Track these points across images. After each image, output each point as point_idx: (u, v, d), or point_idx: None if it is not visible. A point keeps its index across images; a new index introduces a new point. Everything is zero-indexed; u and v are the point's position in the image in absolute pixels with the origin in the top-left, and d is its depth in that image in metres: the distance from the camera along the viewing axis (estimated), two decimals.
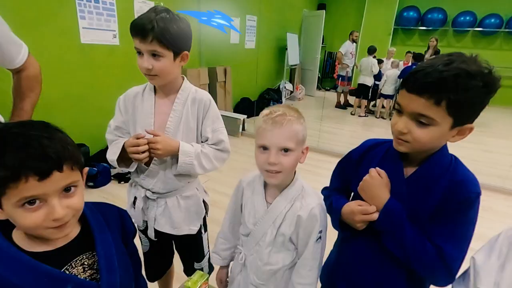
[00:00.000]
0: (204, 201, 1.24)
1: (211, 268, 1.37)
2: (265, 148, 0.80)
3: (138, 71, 1.01)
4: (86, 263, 0.63)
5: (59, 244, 0.61)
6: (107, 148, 1.13)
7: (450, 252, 0.68)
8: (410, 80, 0.66)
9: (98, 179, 2.71)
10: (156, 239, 1.20)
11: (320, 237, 0.84)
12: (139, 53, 0.99)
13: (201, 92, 1.13)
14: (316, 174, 3.41)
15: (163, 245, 1.28)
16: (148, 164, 1.09)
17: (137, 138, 1.01)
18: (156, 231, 1.17)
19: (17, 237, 0.58)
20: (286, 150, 0.79)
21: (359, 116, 6.10)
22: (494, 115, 6.55)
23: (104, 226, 0.67)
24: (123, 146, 1.04)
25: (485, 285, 0.62)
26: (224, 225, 1.06)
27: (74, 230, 0.64)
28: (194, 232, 1.21)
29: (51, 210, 0.53)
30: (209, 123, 1.11)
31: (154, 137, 1.00)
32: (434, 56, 0.68)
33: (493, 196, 2.97)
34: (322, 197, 0.87)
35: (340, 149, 3.94)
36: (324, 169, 3.59)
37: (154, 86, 1.10)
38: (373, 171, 0.77)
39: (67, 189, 0.56)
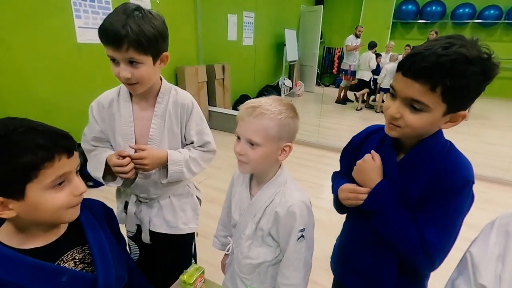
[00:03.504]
0: (197, 197, 1.23)
1: None
2: (238, 137, 0.80)
3: None
4: (77, 257, 0.64)
5: (50, 239, 0.62)
6: None
7: (431, 239, 0.68)
8: (406, 63, 0.63)
9: None
10: (150, 243, 1.15)
11: (302, 236, 0.81)
12: (113, 60, 0.88)
13: (182, 94, 1.06)
14: (317, 169, 3.41)
15: (155, 252, 1.22)
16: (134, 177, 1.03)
17: (121, 155, 0.94)
18: (151, 235, 1.13)
19: (4, 236, 0.58)
20: (252, 143, 0.77)
21: (357, 109, 6.10)
22: (495, 107, 6.55)
23: (92, 219, 0.69)
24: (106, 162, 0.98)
25: (486, 279, 0.59)
26: (223, 212, 1.07)
27: (63, 225, 0.65)
28: (195, 230, 1.19)
29: (75, 187, 0.59)
30: (193, 126, 1.07)
31: (140, 152, 0.95)
32: (434, 38, 0.66)
33: (494, 188, 2.97)
34: (305, 194, 0.83)
35: (340, 144, 3.92)
36: (324, 164, 3.61)
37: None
38: (367, 156, 0.78)
39: (76, 170, 0.61)
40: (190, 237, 1.21)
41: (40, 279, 0.56)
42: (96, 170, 0.99)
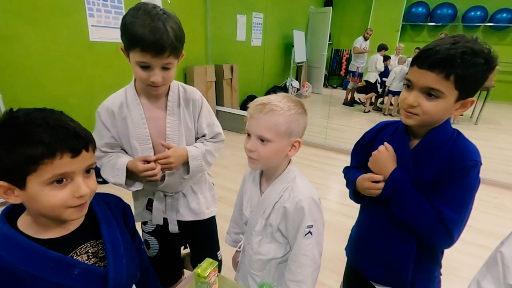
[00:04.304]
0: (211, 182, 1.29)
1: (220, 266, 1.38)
2: (248, 134, 0.81)
3: None
4: (90, 251, 0.64)
5: (65, 231, 0.62)
6: None
7: (448, 214, 0.75)
8: (421, 57, 0.72)
9: None
10: (179, 232, 1.19)
11: (310, 232, 0.81)
12: (145, 67, 0.88)
13: (191, 90, 1.08)
14: (323, 170, 3.40)
15: (175, 244, 1.28)
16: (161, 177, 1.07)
17: (145, 161, 0.97)
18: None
19: (23, 224, 0.59)
20: (263, 139, 0.78)
21: (364, 112, 6.07)
22: (505, 111, 6.45)
23: (109, 215, 0.69)
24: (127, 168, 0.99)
25: None
26: (235, 209, 1.09)
27: (79, 218, 0.64)
28: (215, 213, 1.25)
29: (77, 188, 0.57)
30: (204, 120, 1.11)
31: (166, 152, 0.99)
32: (439, 39, 0.75)
33: (505, 194, 2.91)
34: (314, 190, 0.86)
35: (347, 146, 3.91)
36: (331, 165, 3.60)
37: (137, 90, 1.00)
38: (381, 147, 0.85)
39: (87, 170, 0.60)
40: (212, 220, 1.27)
41: (53, 270, 0.57)
42: (115, 177, 1.00)
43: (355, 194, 0.95)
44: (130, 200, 1.16)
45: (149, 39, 0.81)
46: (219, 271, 1.34)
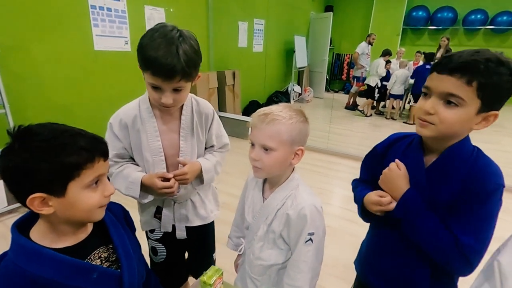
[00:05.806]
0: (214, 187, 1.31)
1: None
2: (252, 144, 0.83)
3: None
4: (102, 256, 0.67)
5: (78, 239, 0.65)
6: None
7: (467, 242, 0.68)
8: (442, 63, 0.68)
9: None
10: (186, 237, 1.20)
11: (310, 239, 0.82)
12: (156, 88, 0.89)
13: (203, 104, 1.10)
14: (326, 175, 3.40)
15: (181, 250, 1.30)
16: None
17: (164, 178, 0.99)
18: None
19: (37, 236, 0.61)
20: (266, 148, 0.80)
21: (366, 116, 6.07)
22: (510, 114, 6.38)
23: (115, 220, 0.72)
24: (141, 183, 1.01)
25: None
26: (237, 213, 1.10)
27: (89, 226, 0.68)
28: (217, 216, 1.28)
29: (106, 188, 0.63)
30: (214, 132, 1.14)
31: (183, 168, 1.01)
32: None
33: (511, 198, 2.88)
34: (316, 198, 0.85)
35: (350, 150, 3.90)
36: (334, 170, 3.59)
37: (151, 103, 1.00)
38: (392, 164, 0.79)
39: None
40: (212, 223, 1.29)
41: (74, 275, 0.59)
42: (128, 189, 1.02)
43: (364, 212, 0.89)
44: (135, 207, 1.17)
45: (160, 64, 0.82)
46: None
